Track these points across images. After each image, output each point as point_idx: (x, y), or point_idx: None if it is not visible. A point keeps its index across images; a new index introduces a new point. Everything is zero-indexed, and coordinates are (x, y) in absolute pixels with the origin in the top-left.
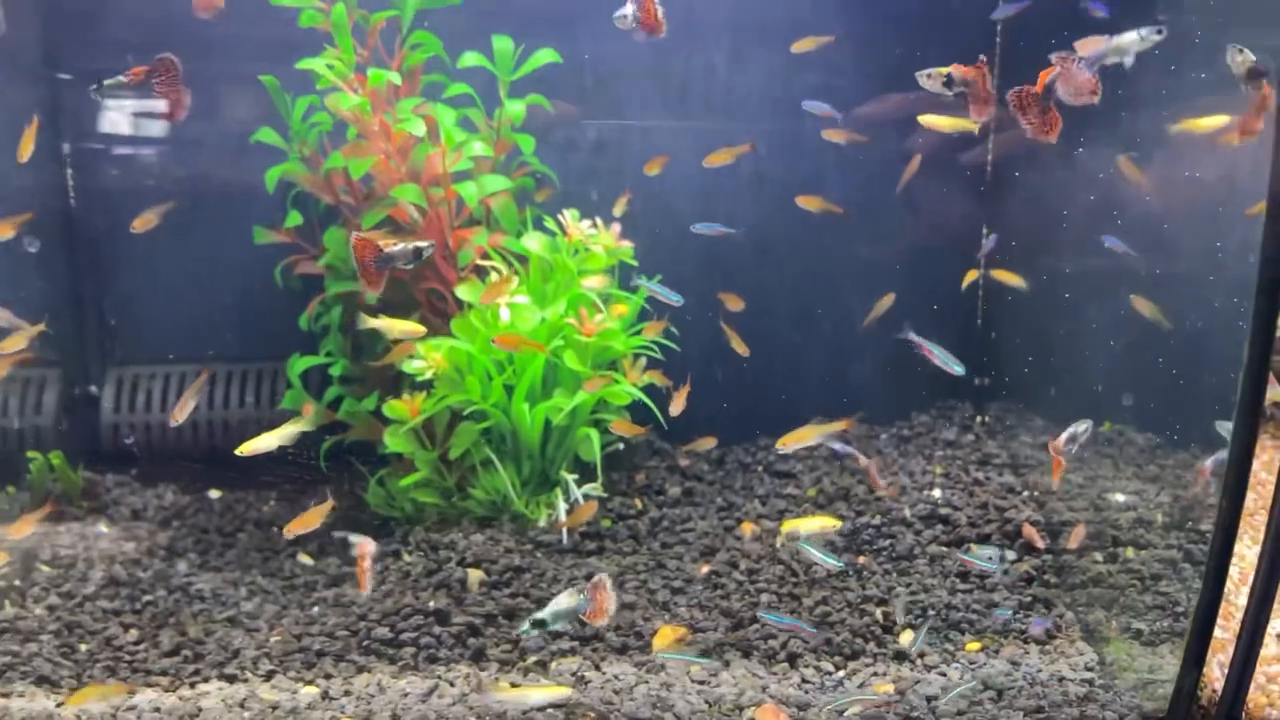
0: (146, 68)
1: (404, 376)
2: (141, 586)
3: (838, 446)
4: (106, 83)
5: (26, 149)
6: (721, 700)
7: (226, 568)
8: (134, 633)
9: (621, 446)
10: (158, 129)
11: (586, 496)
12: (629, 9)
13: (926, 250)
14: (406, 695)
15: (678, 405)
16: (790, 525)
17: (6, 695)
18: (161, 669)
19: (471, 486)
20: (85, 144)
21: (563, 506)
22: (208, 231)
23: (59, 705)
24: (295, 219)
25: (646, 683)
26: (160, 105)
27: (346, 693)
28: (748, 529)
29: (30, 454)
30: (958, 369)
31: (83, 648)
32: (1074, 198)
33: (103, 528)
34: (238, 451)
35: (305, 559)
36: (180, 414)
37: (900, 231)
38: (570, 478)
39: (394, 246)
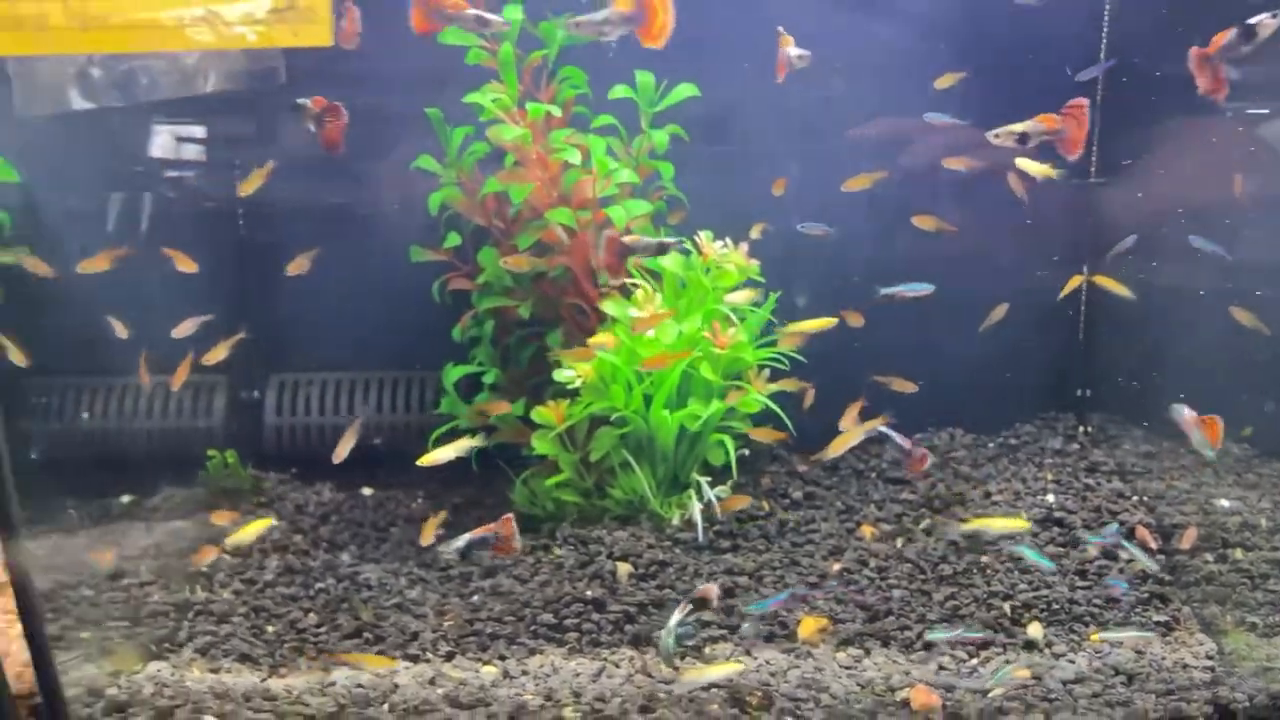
0: (327, 103)
1: (547, 385)
2: (313, 574)
3: (887, 432)
4: (299, 103)
5: (253, 185)
6: (872, 683)
7: (384, 559)
8: (313, 616)
9: (746, 453)
10: (317, 158)
11: (718, 498)
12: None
13: (1030, 259)
14: (578, 675)
15: (849, 420)
16: (978, 524)
17: (216, 671)
18: (345, 650)
19: (611, 487)
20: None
21: (698, 506)
22: (360, 250)
23: (263, 680)
24: (454, 240)
25: (798, 667)
26: (321, 138)
27: (524, 672)
28: (868, 532)
29: (210, 452)
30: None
31: (269, 629)
32: (1179, 202)
33: (272, 520)
34: (420, 462)
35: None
36: (341, 453)
37: (1006, 242)
38: (704, 480)
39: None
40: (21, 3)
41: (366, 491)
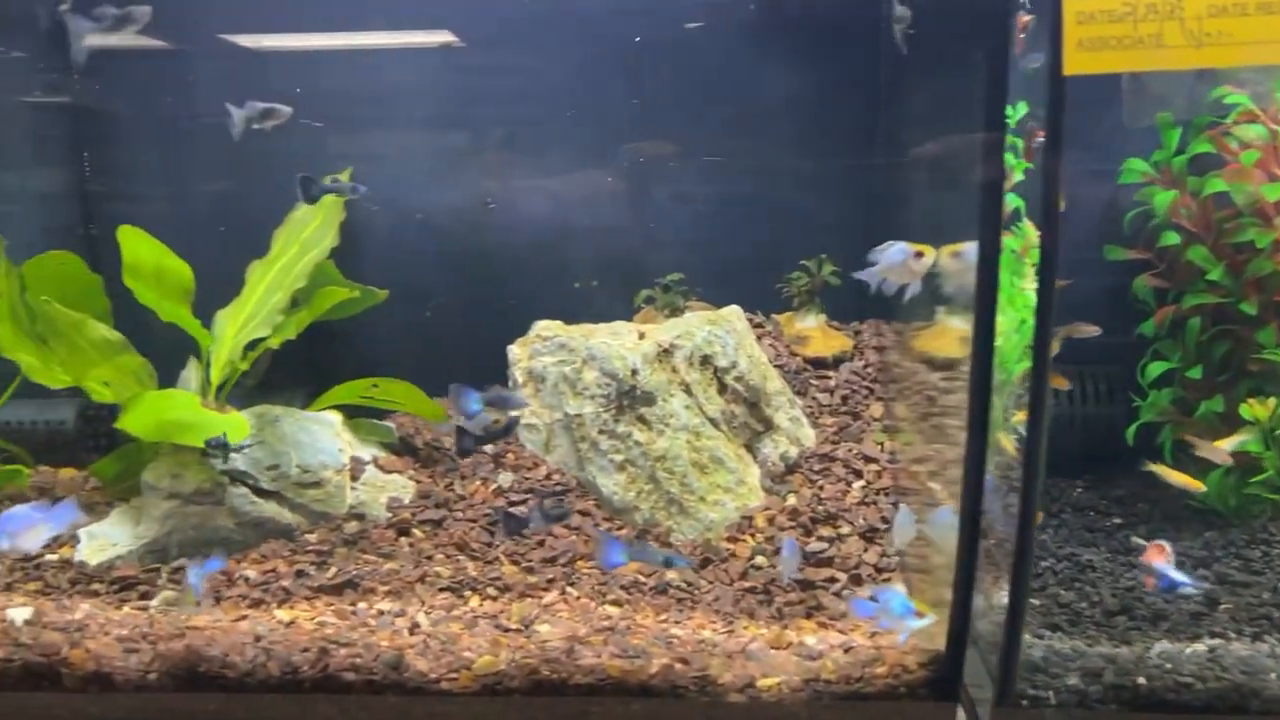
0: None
1: (1237, 381)
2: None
3: None
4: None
5: None
6: None
7: (1057, 544)
8: (1067, 594)
9: None
10: None
11: None
12: None
13: None
14: None
15: None
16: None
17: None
18: (1113, 624)
19: None
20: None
21: None
22: None
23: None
24: (1171, 238)
25: None
26: None
27: None
28: None
29: None
30: None
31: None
32: None
33: None
34: (1219, 444)
35: (1138, 540)
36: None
37: None
38: None
39: None
40: (1143, 24)
41: None
